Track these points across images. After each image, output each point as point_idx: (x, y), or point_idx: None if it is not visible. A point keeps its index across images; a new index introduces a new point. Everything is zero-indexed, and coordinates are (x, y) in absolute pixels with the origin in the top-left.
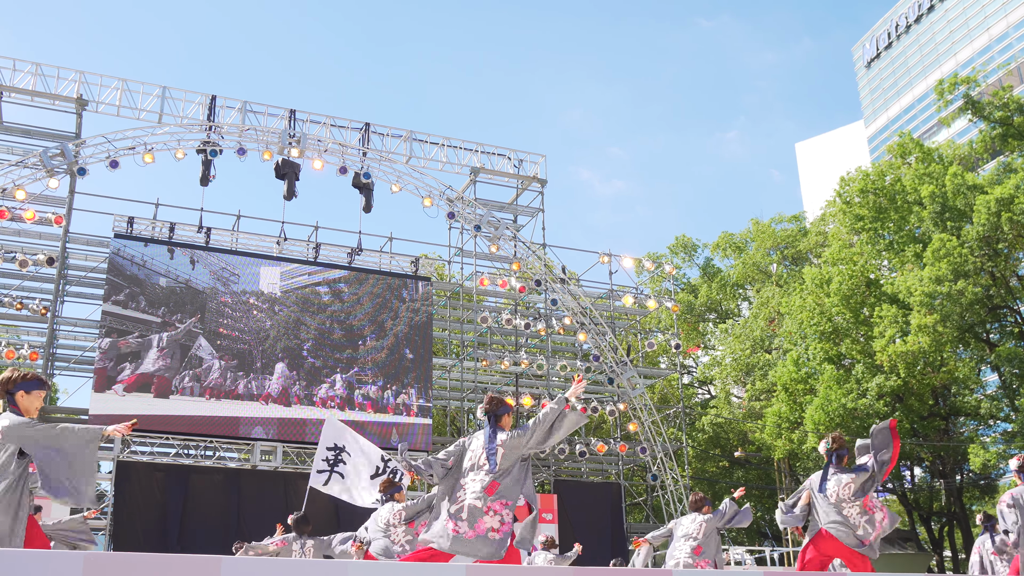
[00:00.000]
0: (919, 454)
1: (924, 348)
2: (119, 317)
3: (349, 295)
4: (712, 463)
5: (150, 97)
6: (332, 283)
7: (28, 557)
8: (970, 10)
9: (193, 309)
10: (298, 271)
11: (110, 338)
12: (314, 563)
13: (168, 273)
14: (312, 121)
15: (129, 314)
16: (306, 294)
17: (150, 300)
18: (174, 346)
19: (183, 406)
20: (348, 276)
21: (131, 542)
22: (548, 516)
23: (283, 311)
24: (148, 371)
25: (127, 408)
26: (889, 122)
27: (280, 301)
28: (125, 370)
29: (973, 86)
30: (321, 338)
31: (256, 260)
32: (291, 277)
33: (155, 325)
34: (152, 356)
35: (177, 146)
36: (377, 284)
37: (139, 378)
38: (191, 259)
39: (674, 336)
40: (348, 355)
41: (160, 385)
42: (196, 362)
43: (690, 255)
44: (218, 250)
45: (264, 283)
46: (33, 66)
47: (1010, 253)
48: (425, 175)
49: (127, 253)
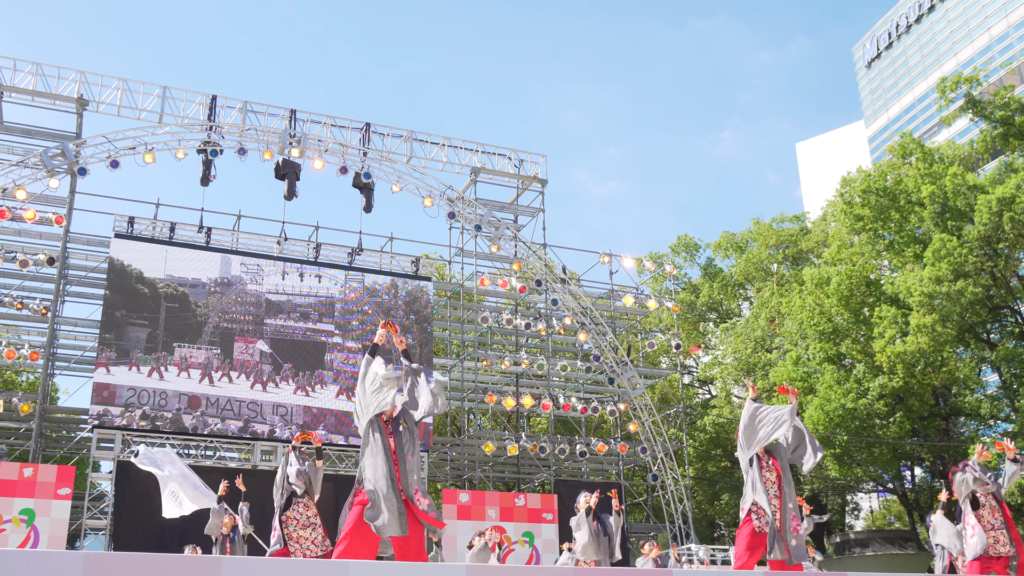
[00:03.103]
0: (919, 454)
1: (924, 348)
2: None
3: (349, 295)
4: (713, 463)
5: (150, 97)
6: (332, 283)
7: (28, 557)
8: (970, 10)
9: (194, 307)
10: (298, 271)
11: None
12: (314, 563)
13: (169, 271)
14: (312, 121)
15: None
16: (306, 294)
17: (153, 297)
18: (179, 345)
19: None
20: (348, 276)
21: (131, 542)
22: (548, 516)
23: (283, 311)
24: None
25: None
26: (890, 122)
27: (280, 301)
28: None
29: (974, 85)
30: (321, 338)
31: (257, 260)
32: (291, 277)
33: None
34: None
35: (177, 146)
36: (377, 284)
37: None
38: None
39: (675, 336)
40: (348, 355)
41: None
42: (196, 363)
43: (691, 255)
44: (218, 250)
45: (265, 283)
46: (33, 66)
47: (1010, 253)
48: (425, 175)
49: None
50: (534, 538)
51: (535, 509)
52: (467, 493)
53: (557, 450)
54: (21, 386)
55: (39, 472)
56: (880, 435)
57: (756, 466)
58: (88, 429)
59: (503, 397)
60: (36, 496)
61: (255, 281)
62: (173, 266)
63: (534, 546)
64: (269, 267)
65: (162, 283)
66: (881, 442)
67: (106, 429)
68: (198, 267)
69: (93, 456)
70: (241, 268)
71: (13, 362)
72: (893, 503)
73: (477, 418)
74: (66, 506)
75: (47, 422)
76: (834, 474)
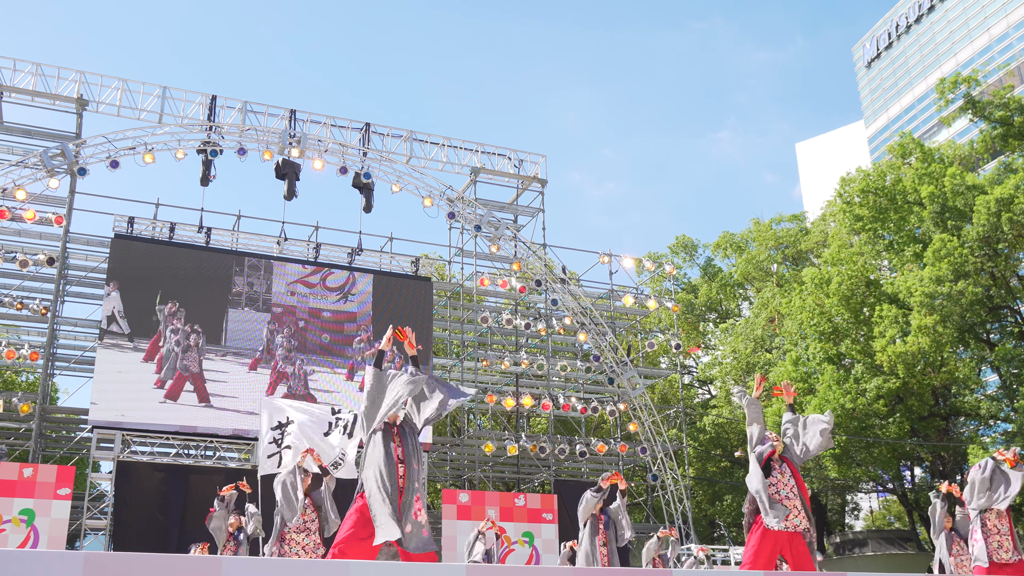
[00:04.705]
0: (919, 454)
1: (924, 348)
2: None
3: (349, 296)
4: (713, 463)
5: (150, 97)
6: (332, 283)
7: (28, 557)
8: (970, 10)
9: (196, 307)
10: (298, 271)
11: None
12: (315, 563)
13: (169, 271)
14: (312, 121)
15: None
16: (306, 294)
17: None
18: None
19: (190, 410)
20: (348, 276)
21: (131, 542)
22: (548, 516)
23: (283, 311)
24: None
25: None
26: (890, 122)
27: (280, 301)
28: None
29: (974, 86)
30: (321, 338)
31: (257, 260)
32: (291, 277)
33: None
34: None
35: (177, 146)
36: (377, 284)
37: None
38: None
39: (674, 336)
40: (348, 355)
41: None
42: (195, 363)
43: (690, 255)
44: (218, 250)
45: (265, 284)
46: (33, 66)
47: (1010, 253)
48: (425, 175)
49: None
50: (534, 538)
51: (535, 509)
52: (467, 493)
53: (557, 450)
54: (21, 386)
55: (39, 472)
56: (880, 435)
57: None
58: (88, 429)
59: (503, 397)
60: (36, 496)
61: (257, 280)
62: (173, 264)
63: (534, 546)
64: (270, 266)
65: (166, 280)
66: (881, 442)
67: (106, 429)
68: (197, 265)
69: (93, 456)
70: (241, 268)
71: (13, 362)
72: (893, 503)
73: (477, 418)
74: (66, 506)
75: (47, 422)
76: (834, 474)
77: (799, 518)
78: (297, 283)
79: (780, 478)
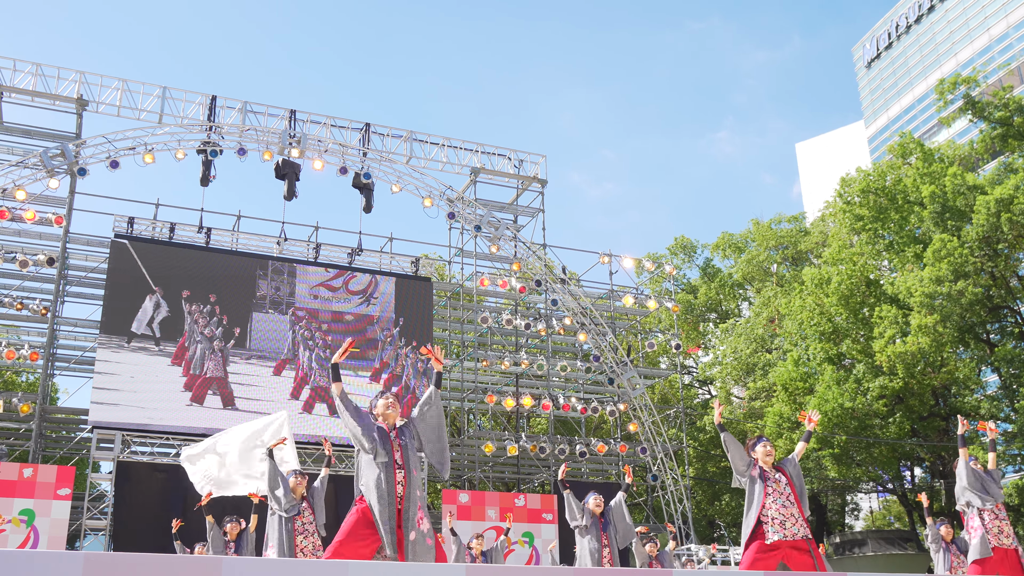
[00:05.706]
0: (919, 454)
1: (924, 348)
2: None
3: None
4: (713, 463)
5: (150, 97)
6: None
7: (28, 557)
8: (970, 10)
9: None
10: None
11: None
12: (314, 563)
13: (171, 269)
14: (312, 121)
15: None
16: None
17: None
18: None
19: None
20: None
21: (131, 542)
22: (548, 516)
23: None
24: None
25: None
26: (890, 122)
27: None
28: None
29: (973, 86)
30: (320, 339)
31: (257, 261)
32: (314, 281)
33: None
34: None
35: (177, 146)
36: (377, 284)
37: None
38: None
39: (674, 336)
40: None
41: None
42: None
43: (690, 255)
44: (218, 251)
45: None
46: (33, 66)
47: (1010, 253)
48: (425, 175)
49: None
50: (534, 538)
51: (535, 509)
52: (467, 493)
53: (557, 450)
54: (21, 386)
55: (39, 472)
56: (879, 435)
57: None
58: (88, 429)
59: (503, 397)
60: (36, 496)
61: (256, 282)
62: (174, 263)
63: (534, 546)
64: (270, 267)
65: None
66: (880, 442)
67: (106, 429)
68: (199, 266)
69: (93, 456)
70: (240, 268)
71: (13, 362)
72: (893, 503)
73: (477, 418)
74: (66, 506)
75: (47, 422)
76: (833, 474)
77: (796, 526)
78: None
79: (776, 487)
